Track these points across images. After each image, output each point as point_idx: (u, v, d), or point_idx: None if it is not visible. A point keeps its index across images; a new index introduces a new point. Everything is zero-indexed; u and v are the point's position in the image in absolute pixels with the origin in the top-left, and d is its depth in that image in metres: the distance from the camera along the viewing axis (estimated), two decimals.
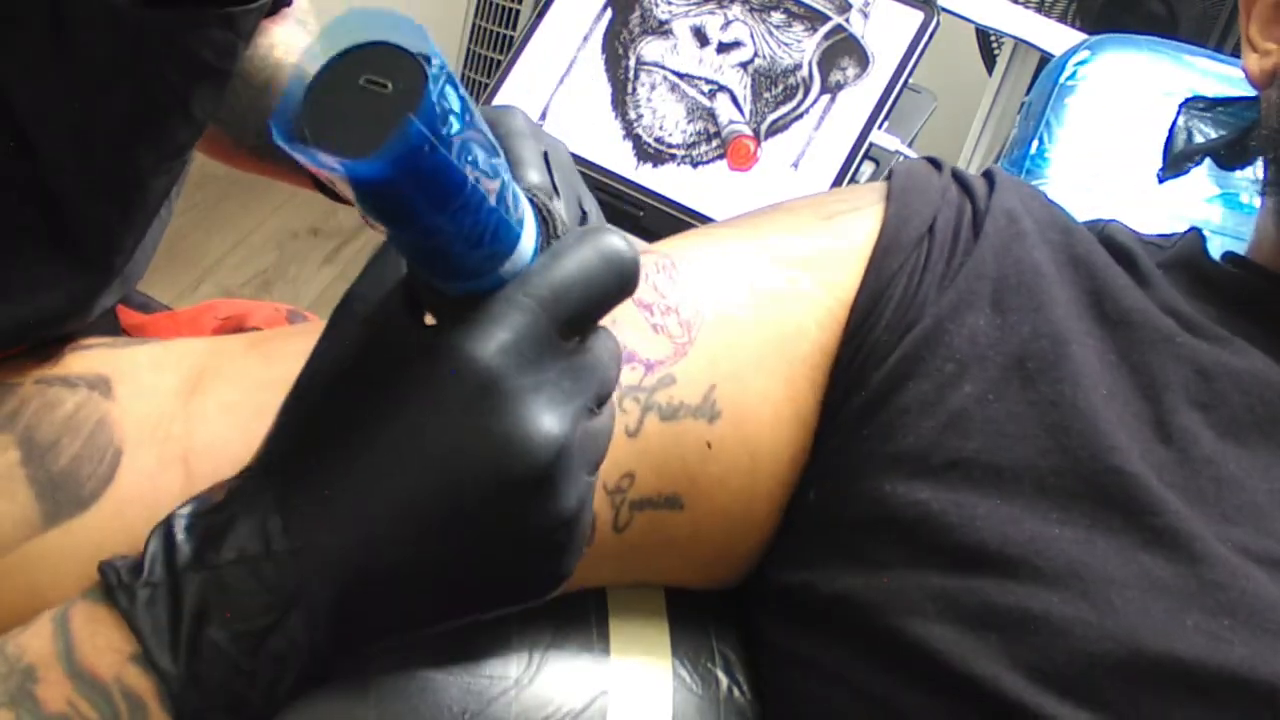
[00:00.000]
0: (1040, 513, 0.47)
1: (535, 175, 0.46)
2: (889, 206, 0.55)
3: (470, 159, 0.33)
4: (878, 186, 0.57)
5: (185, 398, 0.48)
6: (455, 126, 0.32)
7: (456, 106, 0.33)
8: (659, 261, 0.53)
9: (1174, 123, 0.68)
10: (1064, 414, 0.49)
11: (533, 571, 0.40)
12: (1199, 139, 0.68)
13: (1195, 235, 0.62)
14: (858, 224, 0.55)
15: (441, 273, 0.37)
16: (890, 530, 0.49)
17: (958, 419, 0.49)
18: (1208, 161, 0.69)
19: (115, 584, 0.38)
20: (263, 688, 0.38)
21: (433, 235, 0.35)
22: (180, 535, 0.38)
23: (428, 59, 0.32)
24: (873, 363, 0.51)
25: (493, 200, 0.35)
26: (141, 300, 0.83)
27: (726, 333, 0.51)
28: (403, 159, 0.31)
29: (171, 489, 0.45)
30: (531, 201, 0.40)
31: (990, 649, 0.45)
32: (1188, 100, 0.68)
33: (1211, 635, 0.44)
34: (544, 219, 0.40)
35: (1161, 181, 0.69)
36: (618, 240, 0.39)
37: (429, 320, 0.39)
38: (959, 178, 0.57)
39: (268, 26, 0.72)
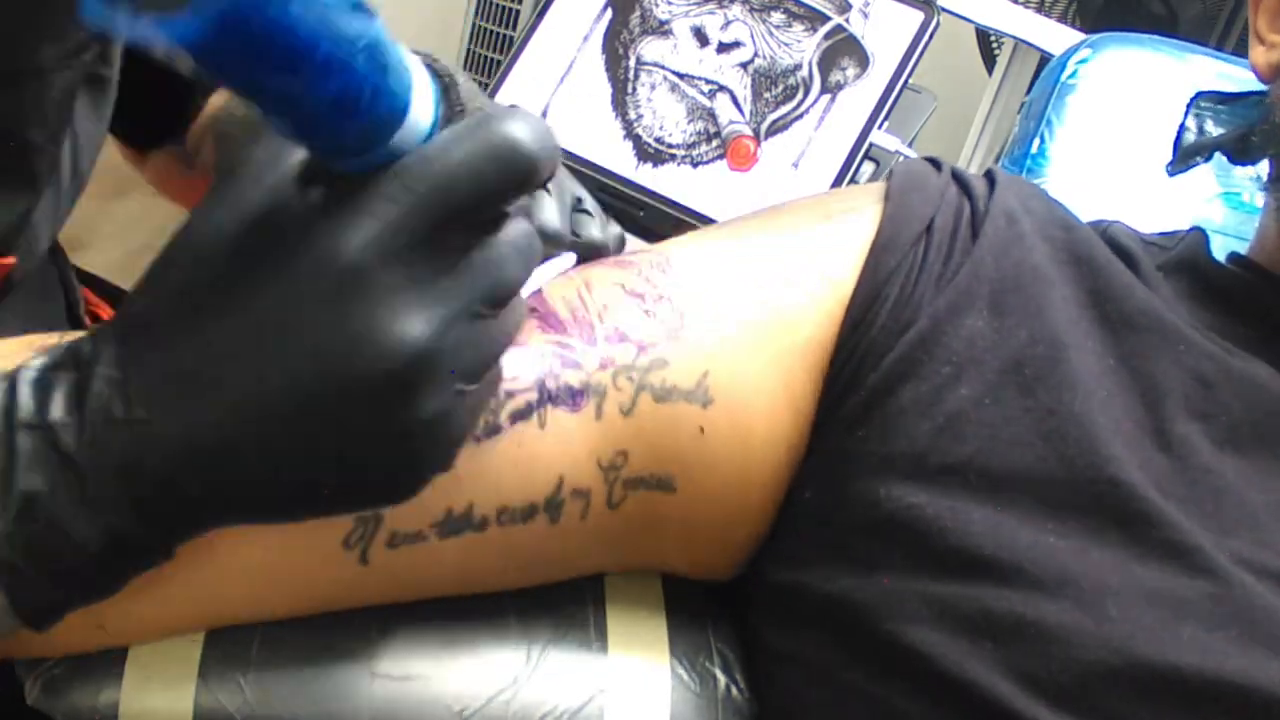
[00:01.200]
0: (1036, 521, 0.47)
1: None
2: (887, 206, 0.55)
3: (318, 15, 0.30)
4: (877, 187, 0.57)
5: None
6: None
7: None
8: (654, 259, 0.53)
9: (1184, 117, 0.68)
10: (1061, 421, 0.48)
11: (385, 474, 0.38)
12: (1210, 133, 0.67)
13: (1198, 235, 0.61)
14: (856, 223, 0.55)
15: (323, 148, 0.35)
16: (884, 533, 0.49)
17: (954, 422, 0.49)
18: (1215, 160, 0.69)
19: None
20: (96, 562, 0.36)
21: (294, 103, 0.32)
22: (23, 388, 0.36)
23: None
24: (869, 363, 0.51)
25: (359, 62, 0.32)
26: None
27: (721, 322, 0.51)
28: (224, 14, 0.28)
29: None
30: (431, 70, 0.36)
31: (985, 656, 0.45)
32: (1198, 95, 0.68)
33: (1207, 646, 0.44)
34: (447, 91, 0.37)
35: (1171, 175, 0.69)
36: (518, 129, 0.36)
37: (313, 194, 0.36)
38: (958, 178, 0.57)
39: None
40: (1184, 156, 0.68)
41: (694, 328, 0.51)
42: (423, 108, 0.35)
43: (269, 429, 0.35)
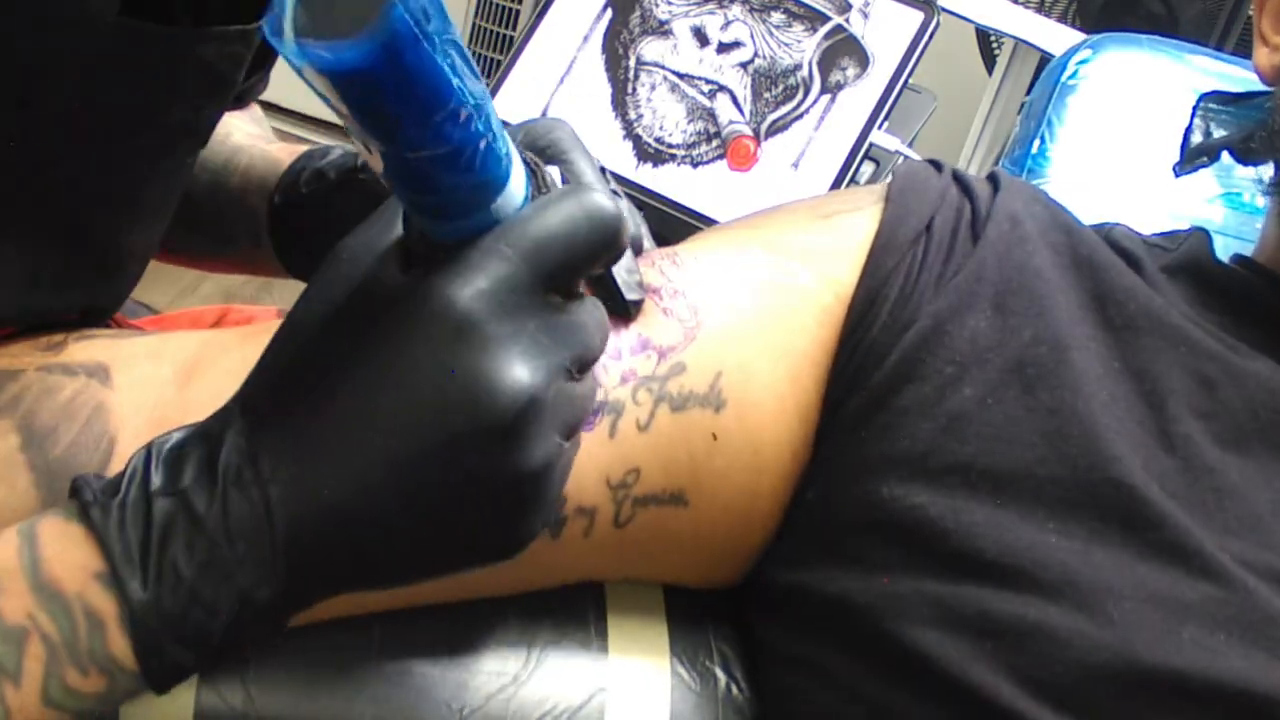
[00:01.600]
0: (1038, 522, 0.47)
1: (591, 177, 0.47)
2: (887, 207, 0.55)
3: (451, 64, 0.33)
4: (877, 188, 0.57)
5: (180, 387, 0.48)
6: (436, 24, 0.32)
7: (440, 22, 0.33)
8: (664, 252, 0.53)
9: (1191, 117, 0.68)
10: (1063, 422, 0.48)
11: (495, 528, 0.39)
12: (1217, 134, 0.67)
13: (1201, 236, 0.61)
14: (856, 223, 0.55)
15: (431, 207, 0.37)
16: (887, 534, 0.49)
17: (956, 422, 0.49)
18: (1218, 160, 0.69)
19: (90, 501, 0.38)
20: (222, 624, 0.37)
21: (419, 149, 0.35)
22: (157, 460, 0.38)
23: None
24: (871, 363, 0.51)
25: (478, 120, 0.35)
26: (130, 307, 0.83)
27: (731, 321, 0.51)
28: (386, 46, 0.31)
29: None
30: (520, 155, 0.39)
31: (986, 657, 0.45)
32: (1205, 95, 0.68)
33: (1208, 647, 0.44)
34: (533, 172, 0.40)
35: (1178, 176, 0.69)
36: (603, 199, 0.39)
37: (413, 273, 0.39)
38: (960, 179, 0.57)
39: (225, 117, 0.73)
40: (1191, 157, 0.68)
41: (708, 326, 0.51)
42: (518, 180, 0.38)
43: (389, 484, 0.37)
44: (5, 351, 0.49)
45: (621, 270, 0.48)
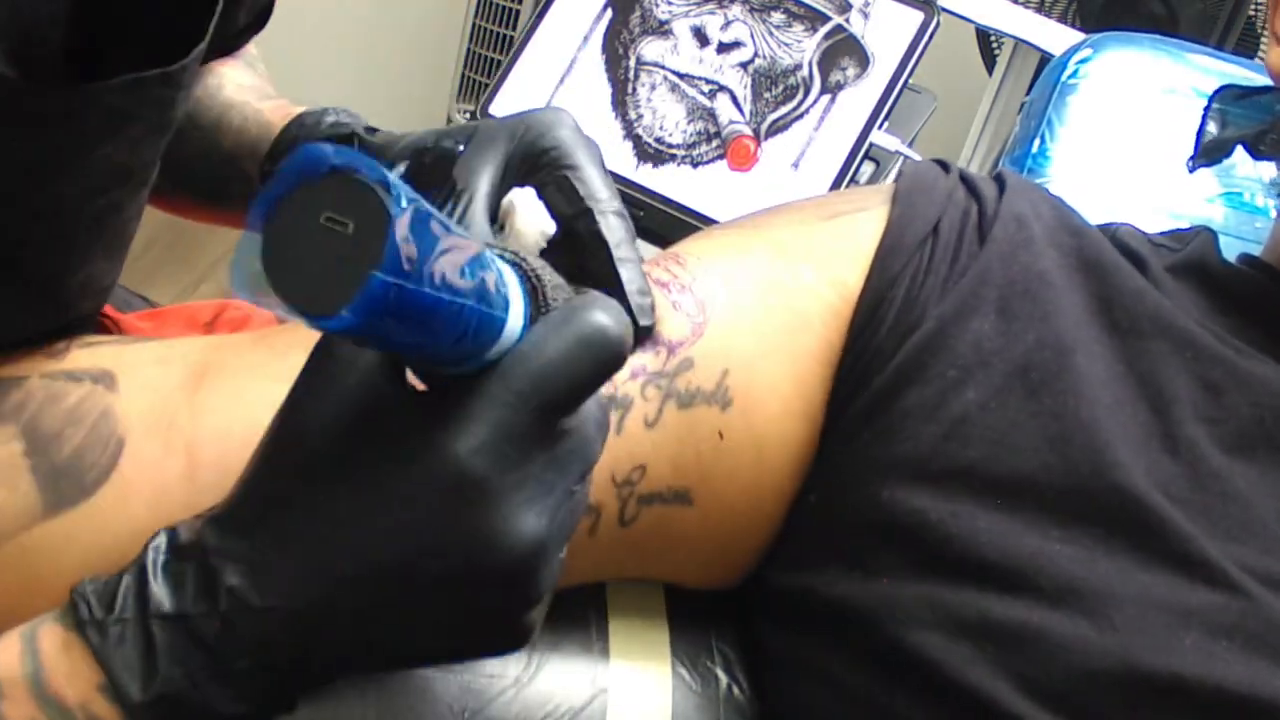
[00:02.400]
0: (1040, 527, 0.47)
1: (604, 192, 0.47)
2: (894, 208, 0.54)
3: (442, 279, 0.32)
4: (885, 188, 0.57)
5: (190, 390, 0.48)
6: (423, 255, 0.31)
7: (420, 232, 0.31)
8: (667, 252, 0.53)
9: (1205, 111, 0.67)
10: (1066, 427, 0.48)
11: (496, 644, 0.40)
12: (1230, 130, 0.67)
13: (1207, 236, 0.61)
14: (862, 224, 0.55)
15: (425, 370, 0.37)
16: (888, 537, 0.48)
17: (959, 425, 0.49)
18: (1232, 154, 0.69)
19: (87, 619, 0.38)
20: None
21: (412, 350, 0.35)
22: (153, 576, 0.38)
23: (386, 186, 0.30)
24: (875, 366, 0.51)
25: (471, 302, 0.34)
26: (126, 299, 0.83)
27: (736, 320, 0.51)
28: (369, 309, 0.30)
29: (175, 478, 0.45)
30: (517, 269, 0.39)
31: (987, 661, 0.45)
32: (1219, 90, 0.68)
33: (1210, 654, 0.44)
34: (532, 287, 0.39)
35: (1192, 170, 0.68)
36: (601, 317, 0.38)
37: (413, 382, 0.38)
38: (967, 180, 0.57)
39: (215, 66, 0.72)
40: (1206, 152, 0.67)
41: (714, 321, 0.50)
42: (515, 313, 0.37)
43: (393, 618, 0.38)
44: (6, 360, 0.49)
45: (634, 293, 0.48)
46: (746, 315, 0.51)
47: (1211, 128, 0.67)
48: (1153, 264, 0.56)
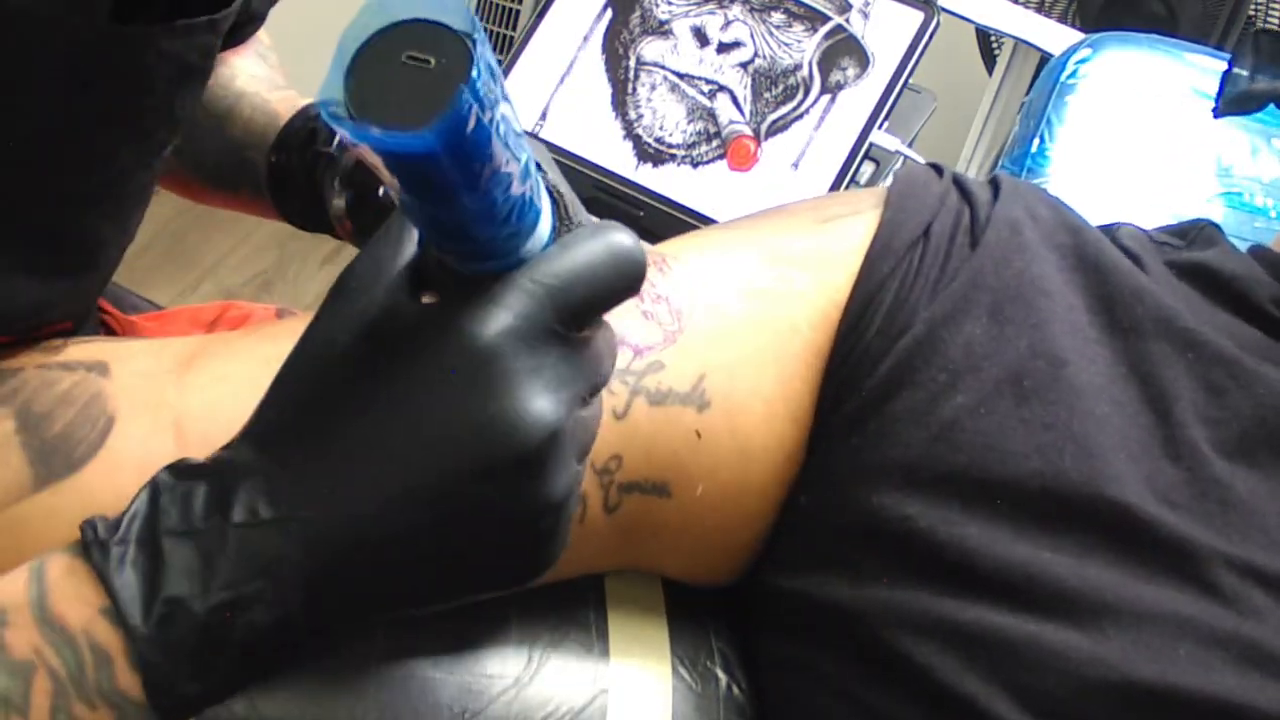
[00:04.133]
0: (1030, 536, 0.47)
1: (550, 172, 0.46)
2: (885, 211, 0.55)
3: (503, 137, 0.33)
4: (878, 191, 0.57)
5: (180, 374, 0.48)
6: (491, 101, 0.32)
7: (495, 85, 0.32)
8: (651, 258, 0.53)
9: (1231, 59, 0.66)
10: (1058, 437, 0.48)
11: (517, 556, 0.40)
12: (1263, 82, 0.66)
13: (1212, 231, 0.60)
14: (853, 227, 0.55)
15: (462, 252, 0.37)
16: (878, 543, 0.48)
17: (948, 430, 0.49)
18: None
19: (92, 540, 0.38)
20: (233, 657, 0.37)
21: (462, 212, 0.35)
22: (164, 497, 0.38)
23: (470, 37, 0.32)
24: (864, 368, 0.51)
25: (519, 179, 0.35)
26: (134, 302, 0.84)
27: (718, 325, 0.51)
28: (450, 133, 0.31)
29: (163, 453, 0.45)
30: (546, 188, 0.40)
31: (979, 669, 0.45)
32: (1255, 35, 0.66)
33: (1205, 663, 0.44)
34: (557, 205, 0.40)
35: (1217, 117, 0.67)
36: (628, 239, 0.40)
37: (427, 300, 0.39)
38: (960, 184, 0.57)
39: (228, 58, 0.74)
40: (1235, 101, 0.66)
41: (691, 330, 0.51)
42: (545, 216, 0.39)
43: (414, 520, 0.37)
44: (4, 354, 0.49)
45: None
46: (728, 321, 0.51)
47: (1242, 70, 0.66)
48: (1152, 263, 0.56)
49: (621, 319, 0.50)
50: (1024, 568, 0.46)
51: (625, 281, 0.39)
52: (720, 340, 0.51)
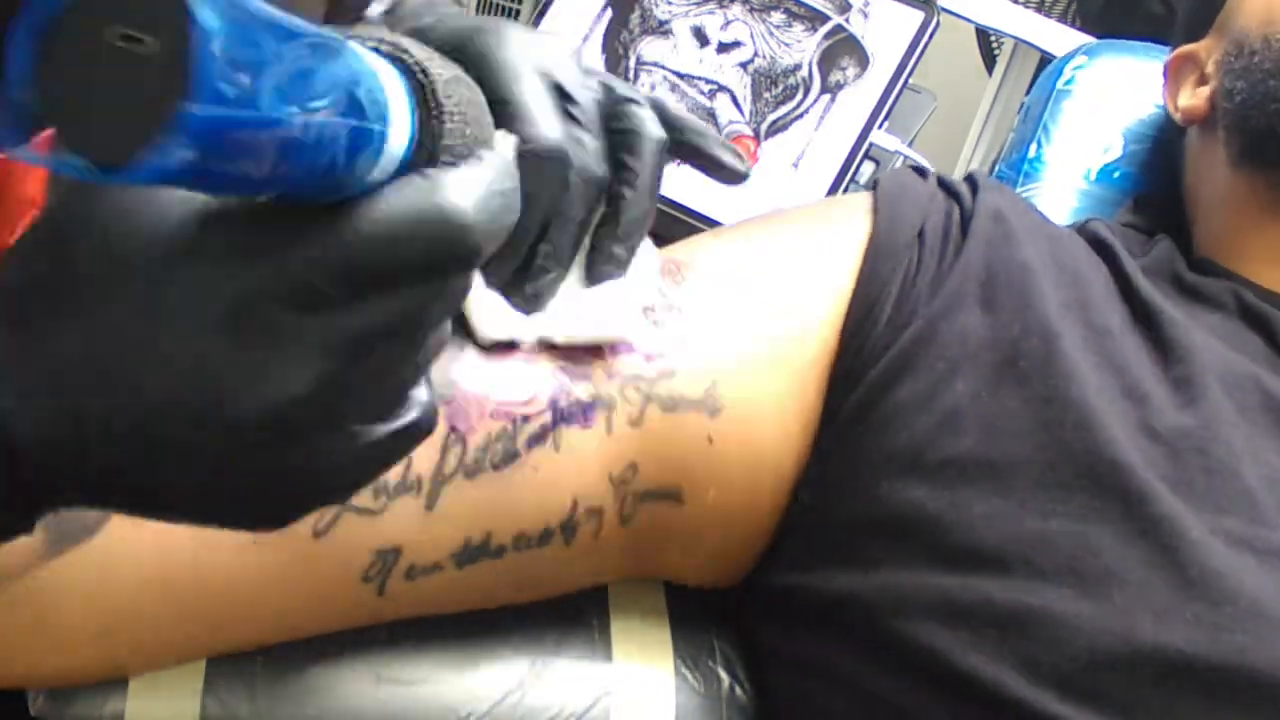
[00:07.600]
0: (1036, 506, 0.47)
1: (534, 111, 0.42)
2: (878, 214, 0.56)
3: (289, 95, 0.25)
4: (862, 197, 0.58)
5: None
6: (255, 69, 0.24)
7: (249, 38, 0.24)
8: (666, 266, 0.53)
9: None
10: (1057, 409, 0.49)
11: (253, 506, 0.34)
12: None
13: (1168, 243, 0.64)
14: (850, 231, 0.56)
15: (290, 199, 0.30)
16: (885, 530, 0.49)
17: (951, 416, 0.50)
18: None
19: None
20: None
21: (265, 189, 0.28)
22: None
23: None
24: (869, 362, 0.52)
25: (332, 125, 0.27)
26: None
27: (730, 333, 0.52)
28: (180, 152, 0.23)
29: None
30: (398, 64, 0.31)
31: (988, 646, 0.46)
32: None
33: (1211, 626, 0.45)
34: (418, 86, 0.32)
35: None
36: (458, 195, 0.31)
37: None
38: (944, 184, 0.59)
39: None
40: None
41: (703, 338, 0.51)
42: (399, 125, 0.30)
43: (134, 444, 0.32)
44: None
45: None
46: (740, 329, 0.52)
47: None
48: (1124, 258, 0.58)
49: (634, 326, 0.50)
50: (1031, 539, 0.47)
51: (437, 258, 0.31)
52: (732, 348, 0.51)
